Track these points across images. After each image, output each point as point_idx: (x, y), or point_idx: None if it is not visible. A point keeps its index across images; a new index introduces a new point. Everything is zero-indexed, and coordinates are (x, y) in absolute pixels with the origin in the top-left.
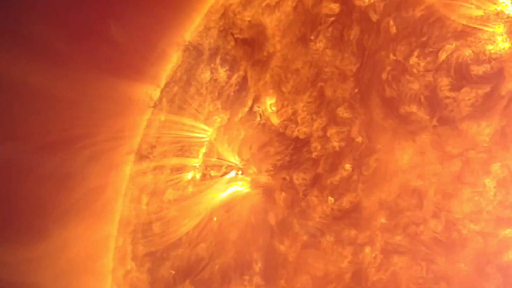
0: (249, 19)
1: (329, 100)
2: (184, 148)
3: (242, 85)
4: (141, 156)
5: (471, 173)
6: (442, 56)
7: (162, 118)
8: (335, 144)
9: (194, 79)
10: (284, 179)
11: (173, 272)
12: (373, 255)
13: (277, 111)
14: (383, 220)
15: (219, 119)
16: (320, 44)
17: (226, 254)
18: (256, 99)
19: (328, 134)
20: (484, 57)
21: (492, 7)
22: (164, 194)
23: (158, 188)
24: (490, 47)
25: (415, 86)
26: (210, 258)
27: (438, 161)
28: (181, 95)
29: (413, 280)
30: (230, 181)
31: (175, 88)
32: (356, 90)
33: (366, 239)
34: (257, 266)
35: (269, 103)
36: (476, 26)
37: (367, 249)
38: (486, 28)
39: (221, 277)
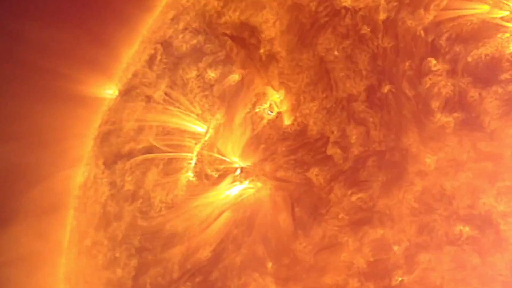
0: (239, 15)
1: (346, 97)
2: (175, 148)
3: (241, 83)
4: (119, 155)
5: (504, 172)
6: (467, 57)
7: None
8: (354, 142)
9: (179, 77)
10: (298, 177)
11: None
12: (400, 255)
13: (287, 110)
14: (410, 219)
15: (215, 118)
16: (329, 42)
17: (233, 256)
18: (260, 97)
19: (347, 133)
20: (507, 58)
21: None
22: (153, 195)
23: (146, 188)
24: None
25: (438, 86)
26: (214, 261)
27: (469, 161)
28: (164, 92)
29: (444, 281)
30: (235, 181)
31: (158, 86)
32: (375, 88)
33: (392, 239)
34: (269, 268)
35: (276, 101)
36: (496, 26)
37: (396, 248)
38: (507, 28)
39: (225, 281)
